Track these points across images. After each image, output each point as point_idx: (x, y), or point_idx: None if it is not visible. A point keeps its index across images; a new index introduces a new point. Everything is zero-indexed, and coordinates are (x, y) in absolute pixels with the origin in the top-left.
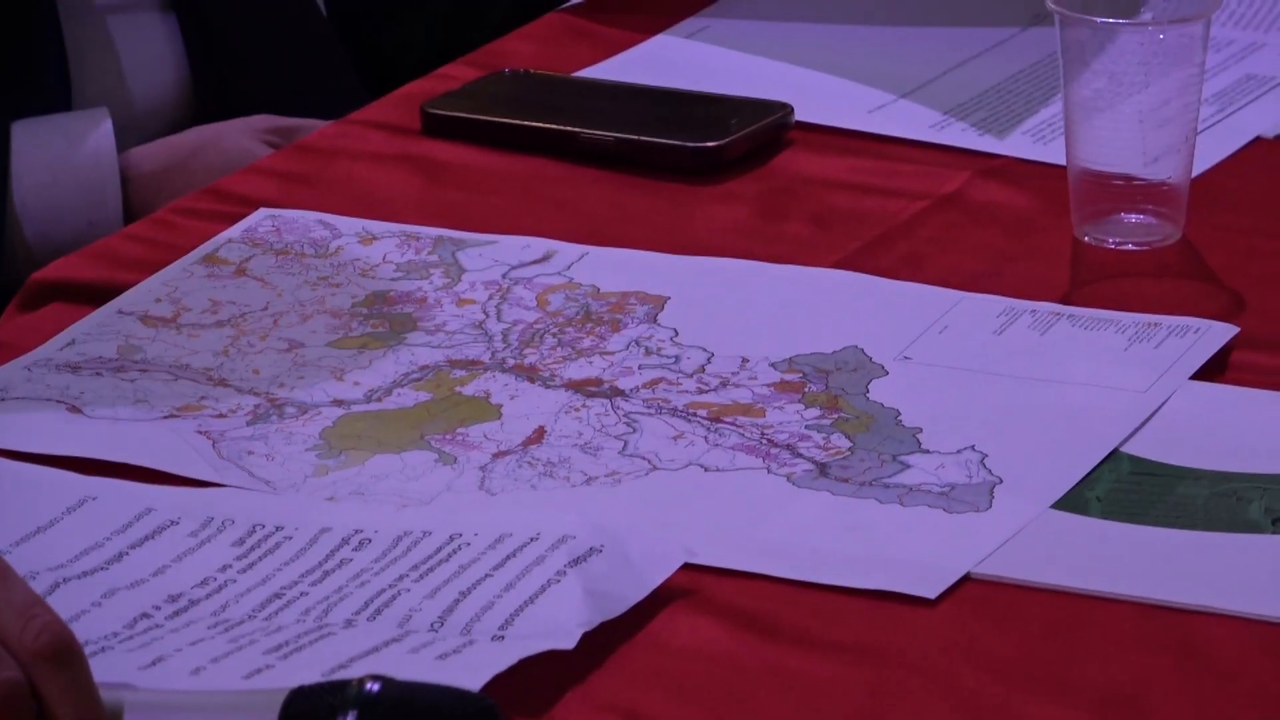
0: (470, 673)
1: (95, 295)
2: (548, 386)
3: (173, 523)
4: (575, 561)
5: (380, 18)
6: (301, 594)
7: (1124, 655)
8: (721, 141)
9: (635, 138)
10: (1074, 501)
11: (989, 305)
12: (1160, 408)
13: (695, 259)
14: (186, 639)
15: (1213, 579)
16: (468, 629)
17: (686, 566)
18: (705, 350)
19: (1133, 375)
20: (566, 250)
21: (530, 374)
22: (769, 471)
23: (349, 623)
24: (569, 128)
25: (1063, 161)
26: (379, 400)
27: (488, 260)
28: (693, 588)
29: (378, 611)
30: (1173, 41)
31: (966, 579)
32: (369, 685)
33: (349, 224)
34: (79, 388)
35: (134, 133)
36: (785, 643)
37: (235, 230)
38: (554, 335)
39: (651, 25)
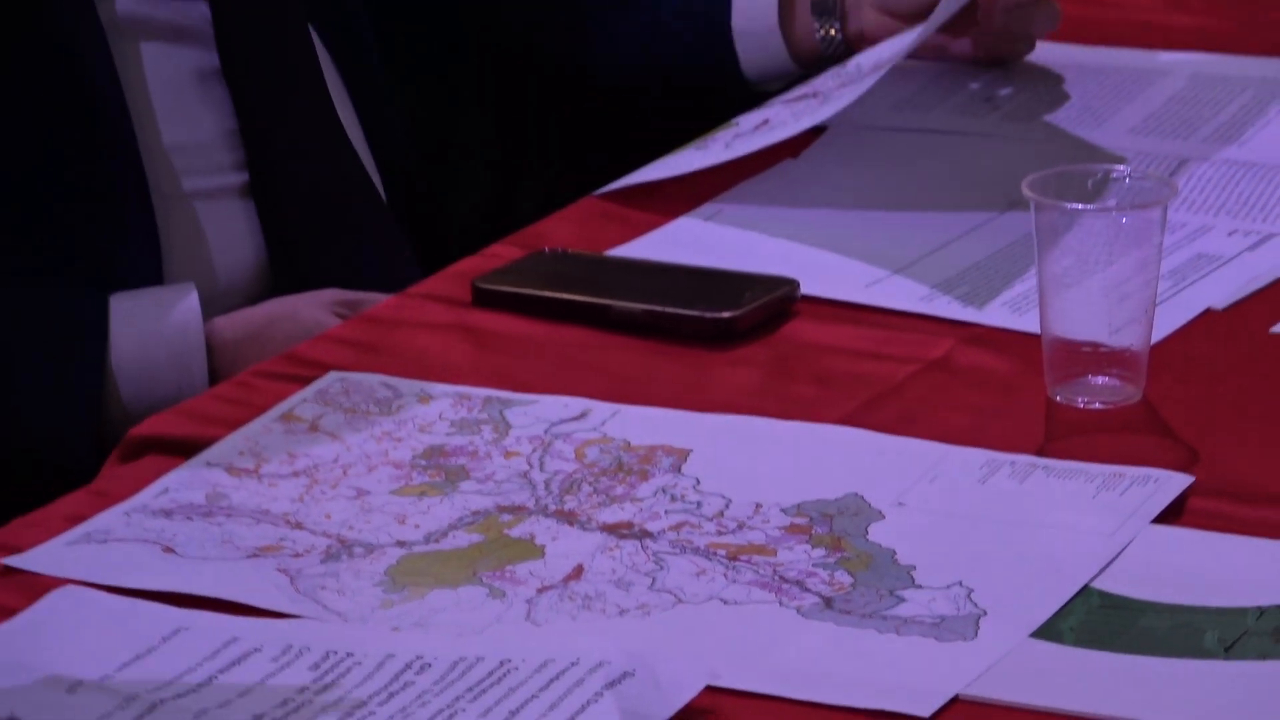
0: None
1: (186, 449)
2: (585, 529)
3: (256, 650)
4: (611, 684)
5: (434, 203)
6: (370, 713)
7: None
8: (736, 313)
9: (661, 309)
10: (1050, 631)
11: (973, 457)
12: (1125, 548)
13: (714, 416)
14: None
15: (1173, 700)
16: None
17: (709, 688)
18: (724, 497)
19: (1101, 519)
20: (600, 409)
21: (570, 518)
22: (780, 604)
23: None
24: (602, 300)
25: (1037, 330)
26: (437, 541)
27: (531, 418)
28: (714, 707)
29: None
30: (1134, 225)
31: (956, 700)
32: None
33: (409, 385)
34: (172, 531)
35: (217, 304)
36: None
37: (309, 391)
38: (590, 484)
39: (673, 209)
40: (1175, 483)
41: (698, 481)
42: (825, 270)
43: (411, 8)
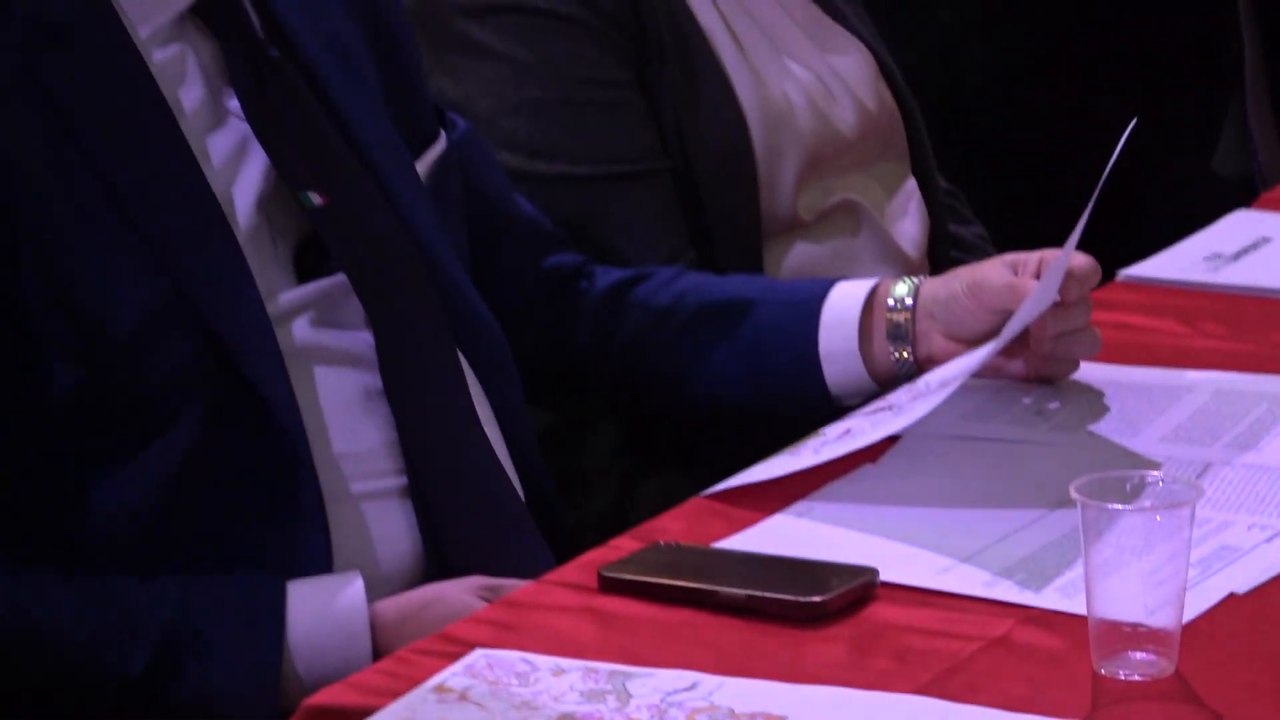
0: None
1: (353, 716)
2: None
3: None
4: None
5: (564, 500)
6: None
7: None
8: (824, 597)
9: (760, 594)
10: None
11: None
12: None
13: (806, 687)
14: None
15: None
16: None
17: None
18: None
19: None
20: (708, 680)
21: None
22: None
23: None
24: (709, 586)
25: (1085, 612)
26: None
27: (649, 688)
28: None
29: None
30: (1166, 522)
31: None
32: None
33: (544, 661)
34: None
35: (379, 589)
36: None
37: (459, 666)
38: None
39: (769, 507)
40: None
41: None
42: (901, 560)
43: (534, 348)
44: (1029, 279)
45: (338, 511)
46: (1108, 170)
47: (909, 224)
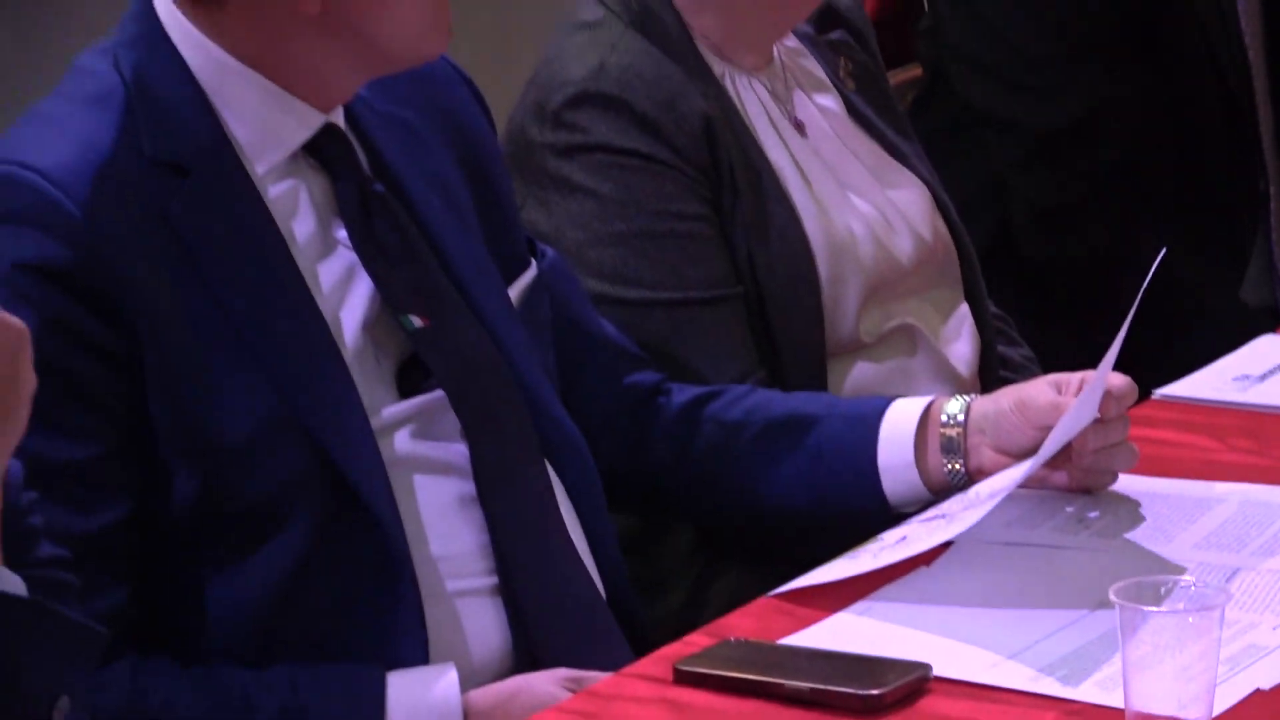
0: None
1: None
2: None
3: None
4: None
5: (642, 598)
6: None
7: None
8: (882, 690)
9: (823, 687)
10: None
11: None
12: None
13: None
14: None
15: None
16: None
17: None
18: None
19: None
20: None
21: None
22: None
23: None
24: (776, 680)
25: (1123, 705)
26: None
27: None
28: None
29: None
30: (1198, 623)
31: None
32: None
33: None
34: None
35: (472, 679)
36: None
37: None
38: None
39: (832, 606)
40: None
41: None
42: (953, 656)
43: (616, 459)
44: (1071, 398)
45: (434, 608)
46: (1139, 296)
47: (962, 346)
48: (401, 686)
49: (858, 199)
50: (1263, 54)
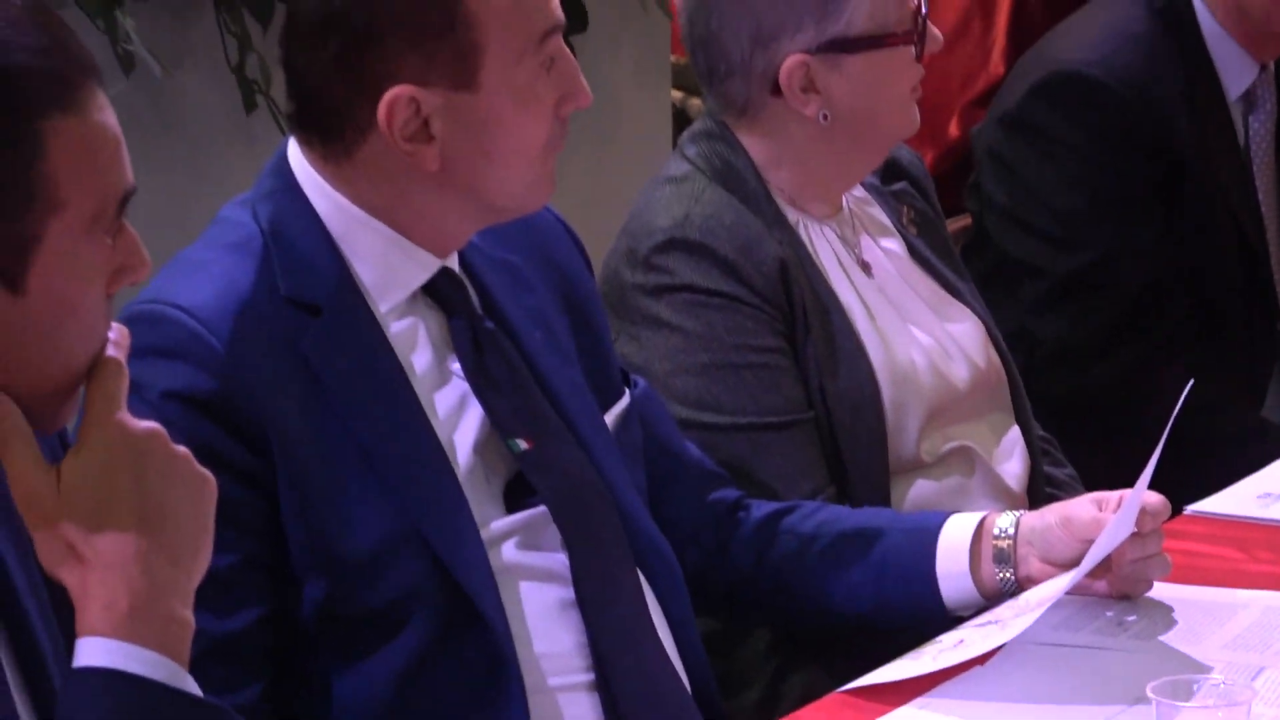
0: None
1: None
2: None
3: None
4: None
5: (724, 694)
6: None
7: None
8: None
9: None
10: None
11: None
12: None
13: None
14: None
15: None
16: None
17: None
18: None
19: None
20: None
21: None
22: None
23: None
24: None
25: None
26: None
27: None
28: None
29: None
30: (1227, 717)
31: None
32: None
33: None
34: None
35: None
36: None
37: None
38: None
39: (895, 701)
40: None
41: None
42: None
43: (700, 567)
44: (1110, 514)
45: (537, 702)
46: (1170, 423)
47: (1013, 465)
48: None
49: (918, 331)
50: (1275, 208)
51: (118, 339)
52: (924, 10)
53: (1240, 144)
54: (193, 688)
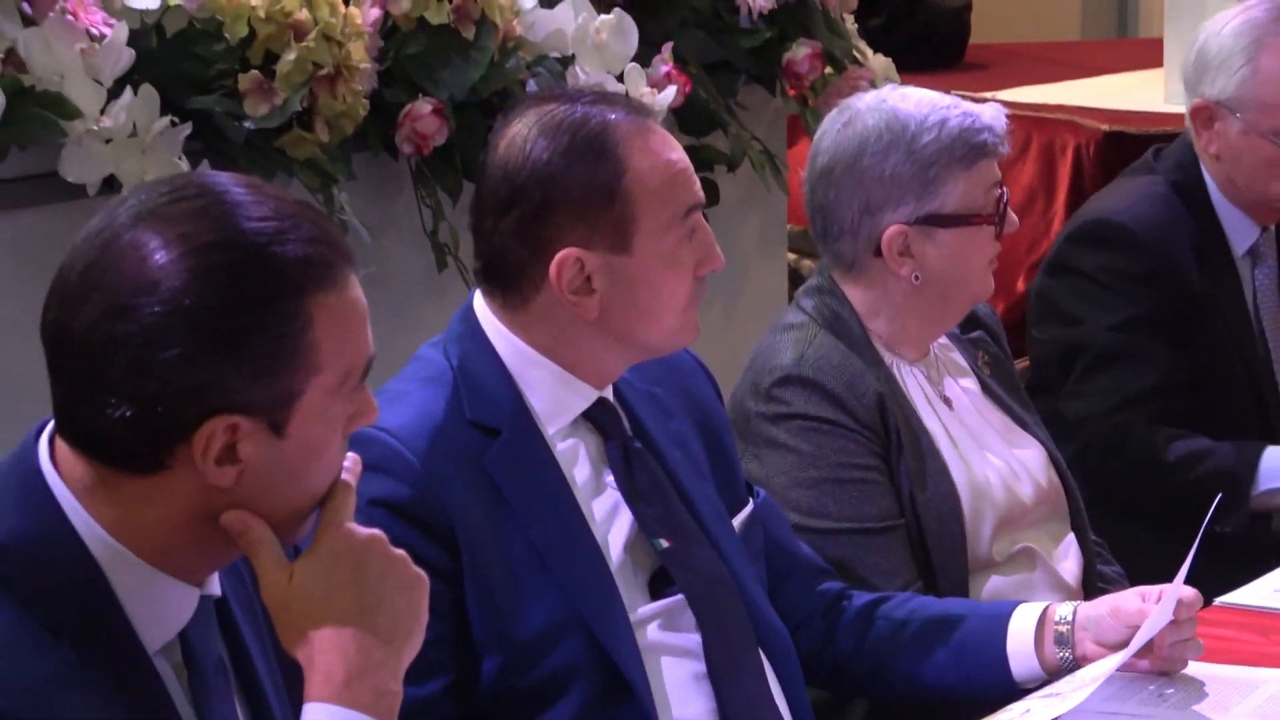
0: None
1: None
2: None
3: None
4: None
5: None
6: None
7: None
8: None
9: None
10: None
11: None
12: None
13: None
14: None
15: None
16: None
17: None
18: None
19: None
20: None
21: None
22: None
23: None
24: None
25: None
26: None
27: None
28: None
29: None
30: None
31: None
32: None
33: None
34: None
35: None
36: None
37: None
38: None
39: None
40: None
41: None
42: None
43: (810, 647)
44: (1153, 605)
45: None
46: (1200, 534)
47: (1070, 564)
48: None
49: (991, 455)
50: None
51: (351, 466)
52: (1005, 199)
53: (1247, 294)
54: None
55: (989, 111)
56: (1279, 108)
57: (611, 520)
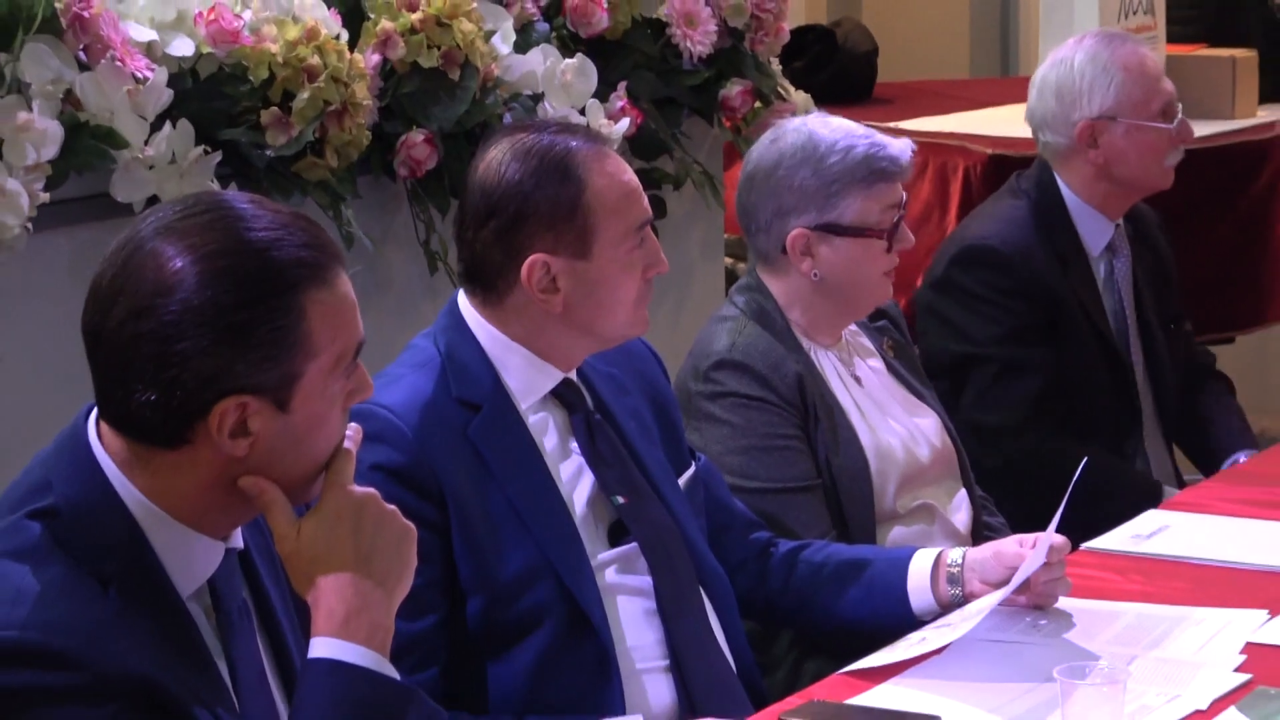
0: None
1: None
2: None
3: None
4: None
5: (759, 673)
6: None
7: None
8: None
9: None
10: None
11: None
12: None
13: None
14: None
15: None
16: None
17: None
18: None
19: None
20: None
21: None
22: None
23: None
24: None
25: None
26: None
27: None
28: None
29: None
30: (1110, 692)
31: None
32: None
33: None
34: None
35: None
36: None
37: None
38: None
39: (879, 680)
40: None
41: None
42: (953, 711)
43: (744, 587)
44: (1029, 549)
45: (629, 681)
46: (1070, 487)
47: (961, 516)
48: None
49: (895, 424)
50: (1137, 329)
51: (353, 435)
52: (900, 219)
53: (1108, 286)
54: (392, 673)
55: (897, 144)
56: (1152, 93)
57: (576, 481)
